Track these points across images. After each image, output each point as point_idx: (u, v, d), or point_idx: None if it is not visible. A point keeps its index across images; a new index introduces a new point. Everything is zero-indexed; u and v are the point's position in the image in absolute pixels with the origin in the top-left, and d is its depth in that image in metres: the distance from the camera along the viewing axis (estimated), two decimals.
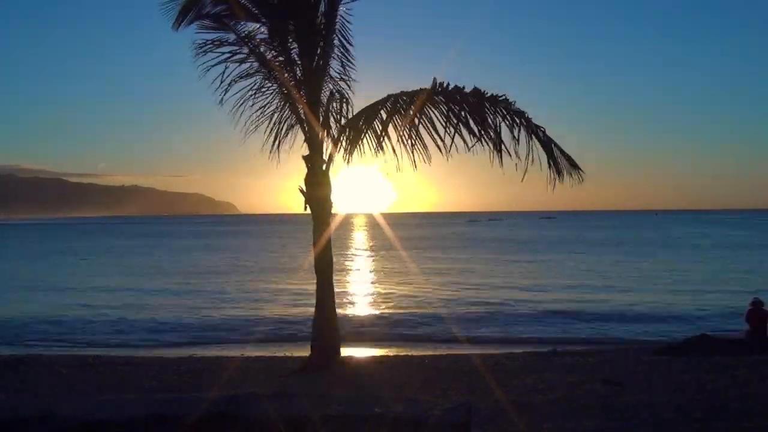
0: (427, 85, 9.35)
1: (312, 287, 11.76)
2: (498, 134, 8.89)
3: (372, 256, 57.42)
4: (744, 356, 11.64)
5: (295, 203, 11.27)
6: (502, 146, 8.88)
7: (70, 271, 45.66)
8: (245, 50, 11.48)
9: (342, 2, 11.22)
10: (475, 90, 9.20)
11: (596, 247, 65.59)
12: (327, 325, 11.21)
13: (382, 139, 9.26)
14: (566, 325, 22.56)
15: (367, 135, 9.49)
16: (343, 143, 9.80)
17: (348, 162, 9.66)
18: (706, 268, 41.74)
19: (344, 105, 11.73)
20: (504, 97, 9.11)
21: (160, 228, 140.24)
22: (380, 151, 9.28)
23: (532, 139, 8.95)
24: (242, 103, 11.59)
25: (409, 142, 9.19)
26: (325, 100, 11.55)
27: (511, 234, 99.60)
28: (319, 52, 11.33)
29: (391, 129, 9.29)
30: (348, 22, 11.48)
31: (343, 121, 11.38)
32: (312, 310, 11.63)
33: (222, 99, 11.41)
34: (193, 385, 10.59)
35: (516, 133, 8.88)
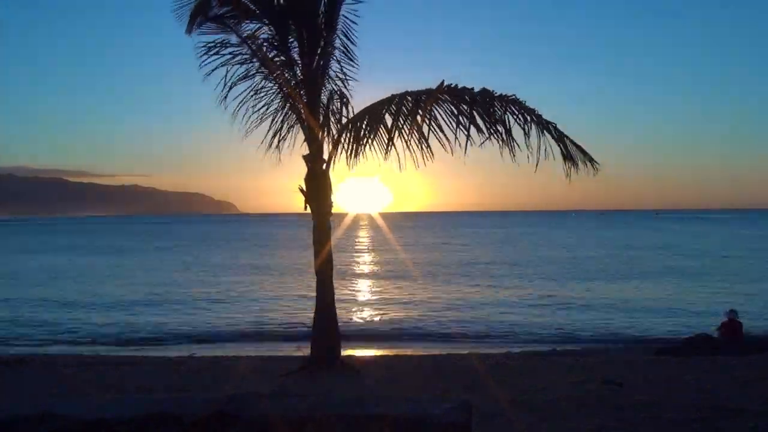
0: (431, 85, 9.34)
1: (312, 287, 11.76)
2: (508, 130, 8.86)
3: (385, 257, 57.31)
4: (744, 356, 11.65)
5: (295, 203, 11.27)
6: (513, 143, 8.86)
7: (70, 270, 45.67)
8: (246, 51, 11.46)
9: (344, 2, 11.21)
10: (484, 90, 9.18)
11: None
12: (327, 324, 11.19)
13: (383, 137, 9.23)
14: (567, 325, 22.58)
15: (368, 134, 9.46)
16: (344, 143, 9.78)
17: (347, 162, 9.63)
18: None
19: (344, 105, 11.73)
20: (514, 96, 9.09)
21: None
22: (382, 150, 9.25)
23: (543, 134, 8.93)
24: (243, 103, 11.57)
25: (412, 139, 9.15)
26: (326, 101, 11.54)
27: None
28: (319, 52, 11.31)
29: (394, 128, 9.26)
30: (353, 23, 11.45)
31: (343, 121, 11.36)
32: (312, 309, 11.63)
33: (224, 99, 11.34)
34: (193, 385, 10.59)
35: (527, 130, 8.87)
